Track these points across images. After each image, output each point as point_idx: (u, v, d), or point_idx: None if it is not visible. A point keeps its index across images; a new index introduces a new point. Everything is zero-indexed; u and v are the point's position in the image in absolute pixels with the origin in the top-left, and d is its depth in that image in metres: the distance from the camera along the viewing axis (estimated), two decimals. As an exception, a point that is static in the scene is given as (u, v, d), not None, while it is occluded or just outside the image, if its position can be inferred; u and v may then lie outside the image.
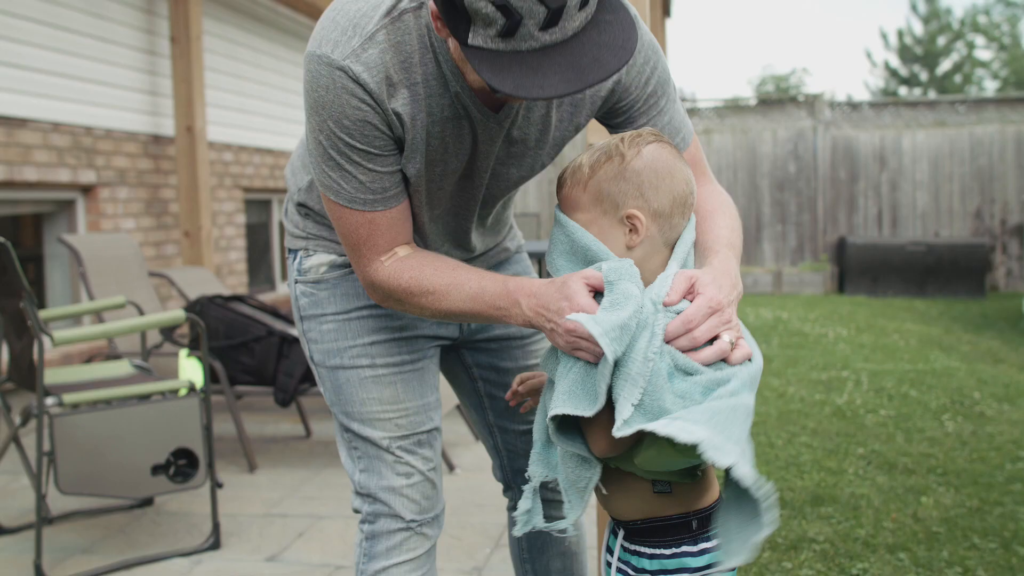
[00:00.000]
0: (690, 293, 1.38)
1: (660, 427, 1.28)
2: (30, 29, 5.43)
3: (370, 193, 1.46)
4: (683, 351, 1.36)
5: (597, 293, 1.39)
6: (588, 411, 1.36)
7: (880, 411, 5.09)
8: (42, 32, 5.53)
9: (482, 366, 1.89)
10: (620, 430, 1.31)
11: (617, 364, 1.33)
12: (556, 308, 1.36)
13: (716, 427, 1.28)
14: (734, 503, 1.40)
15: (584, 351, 1.34)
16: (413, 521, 1.69)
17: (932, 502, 3.55)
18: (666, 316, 1.37)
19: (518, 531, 1.56)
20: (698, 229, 1.56)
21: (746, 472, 1.27)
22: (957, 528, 3.28)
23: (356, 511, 1.74)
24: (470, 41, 1.23)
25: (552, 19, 1.19)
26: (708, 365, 1.36)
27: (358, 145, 1.42)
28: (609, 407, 1.36)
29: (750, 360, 1.40)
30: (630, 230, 1.47)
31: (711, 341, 1.36)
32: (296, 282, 1.74)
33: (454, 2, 1.22)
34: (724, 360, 1.37)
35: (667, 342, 1.36)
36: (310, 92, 1.42)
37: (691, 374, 1.36)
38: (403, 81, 1.42)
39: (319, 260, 1.71)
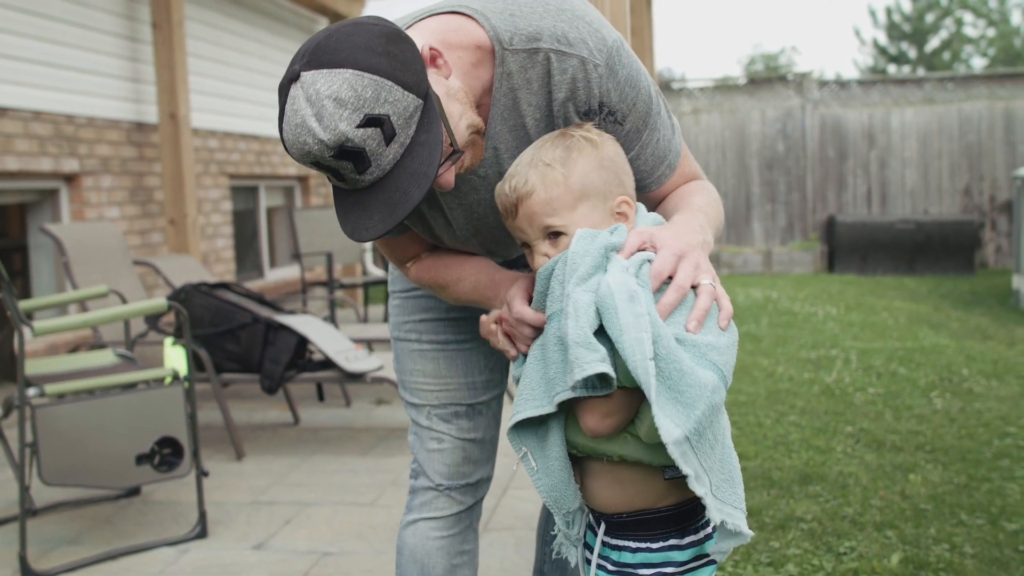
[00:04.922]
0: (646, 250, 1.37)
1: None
2: (8, 17, 5.36)
3: None
4: (673, 306, 1.31)
5: None
6: (547, 407, 1.37)
7: (869, 389, 5.09)
8: (21, 19, 5.46)
9: None
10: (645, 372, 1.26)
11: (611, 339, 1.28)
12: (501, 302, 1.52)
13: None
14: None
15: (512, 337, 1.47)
16: (441, 484, 1.84)
17: (920, 479, 3.55)
18: (637, 270, 1.32)
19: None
20: (675, 205, 1.55)
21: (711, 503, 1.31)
22: (945, 505, 3.29)
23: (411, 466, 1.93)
24: (332, 183, 1.40)
25: (362, 164, 1.31)
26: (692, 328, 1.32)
27: None
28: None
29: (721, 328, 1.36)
30: (618, 217, 1.43)
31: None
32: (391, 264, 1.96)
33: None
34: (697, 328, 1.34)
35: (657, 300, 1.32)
36: None
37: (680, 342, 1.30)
38: None
39: None
